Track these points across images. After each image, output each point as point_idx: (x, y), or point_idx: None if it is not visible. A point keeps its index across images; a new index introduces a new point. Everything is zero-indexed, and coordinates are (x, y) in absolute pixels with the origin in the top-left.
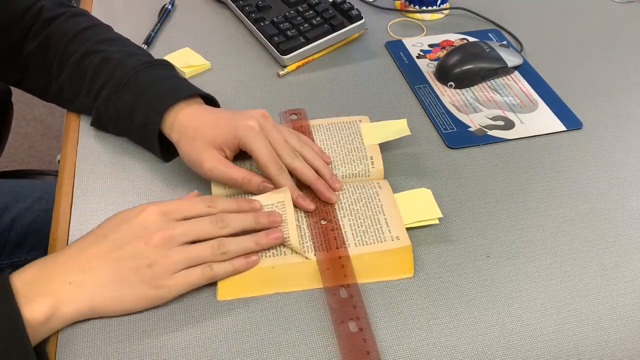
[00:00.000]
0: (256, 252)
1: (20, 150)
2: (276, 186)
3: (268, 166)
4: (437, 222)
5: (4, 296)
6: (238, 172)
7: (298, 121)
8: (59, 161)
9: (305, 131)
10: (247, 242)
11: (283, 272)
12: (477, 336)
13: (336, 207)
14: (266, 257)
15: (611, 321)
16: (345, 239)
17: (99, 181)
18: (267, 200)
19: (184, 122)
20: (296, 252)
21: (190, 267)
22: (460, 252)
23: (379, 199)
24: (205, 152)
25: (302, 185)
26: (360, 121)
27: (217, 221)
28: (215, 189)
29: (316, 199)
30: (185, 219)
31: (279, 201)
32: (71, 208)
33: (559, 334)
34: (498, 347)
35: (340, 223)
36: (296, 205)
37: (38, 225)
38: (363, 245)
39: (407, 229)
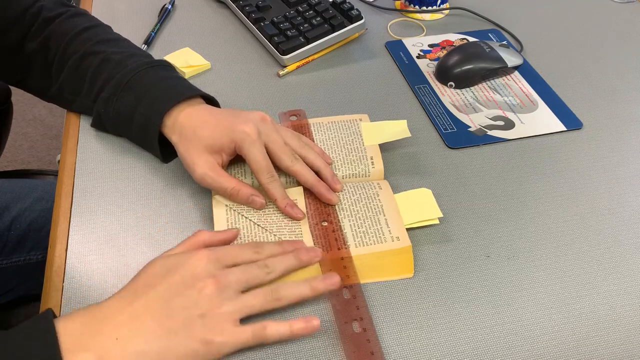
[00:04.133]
0: (316, 315)
1: (20, 150)
2: (267, 194)
3: (259, 174)
4: (437, 222)
5: (49, 349)
6: (228, 182)
7: (298, 121)
8: (59, 161)
9: (305, 130)
10: (303, 289)
11: None
12: (477, 336)
13: (337, 208)
14: None
15: (611, 321)
16: (345, 239)
17: (99, 181)
18: None
19: (184, 123)
20: None
21: (242, 320)
22: (460, 252)
23: (379, 199)
24: (200, 158)
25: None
26: (361, 120)
27: (262, 267)
28: (216, 195)
29: (317, 201)
30: (233, 265)
31: (293, 199)
32: (71, 208)
33: (559, 334)
34: (498, 347)
35: (341, 224)
36: (284, 214)
37: (38, 225)
38: (363, 246)
39: (408, 229)
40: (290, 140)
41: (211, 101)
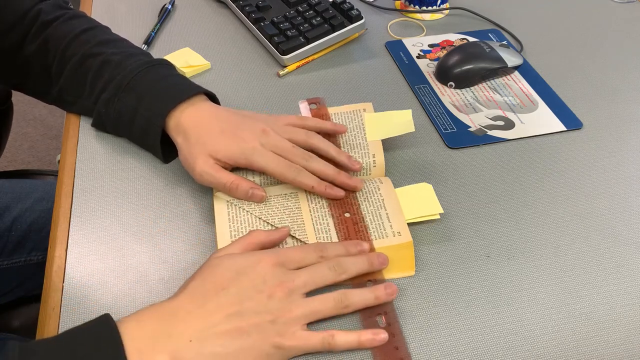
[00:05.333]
0: (384, 329)
1: (20, 150)
2: (301, 188)
3: (285, 175)
4: (438, 217)
5: (117, 355)
6: (226, 177)
7: (317, 110)
8: (59, 161)
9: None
10: (367, 296)
11: None
12: (477, 336)
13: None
14: None
15: (611, 321)
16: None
17: (99, 181)
18: (279, 190)
19: (188, 125)
20: None
21: (311, 323)
22: (460, 251)
23: (380, 193)
24: (200, 158)
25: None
26: (364, 110)
27: (335, 267)
28: (218, 192)
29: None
30: (299, 268)
31: (291, 192)
32: (71, 208)
33: (559, 334)
34: (498, 347)
35: (363, 214)
36: (327, 197)
37: (38, 225)
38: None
39: (408, 224)
40: (297, 137)
41: (212, 98)
